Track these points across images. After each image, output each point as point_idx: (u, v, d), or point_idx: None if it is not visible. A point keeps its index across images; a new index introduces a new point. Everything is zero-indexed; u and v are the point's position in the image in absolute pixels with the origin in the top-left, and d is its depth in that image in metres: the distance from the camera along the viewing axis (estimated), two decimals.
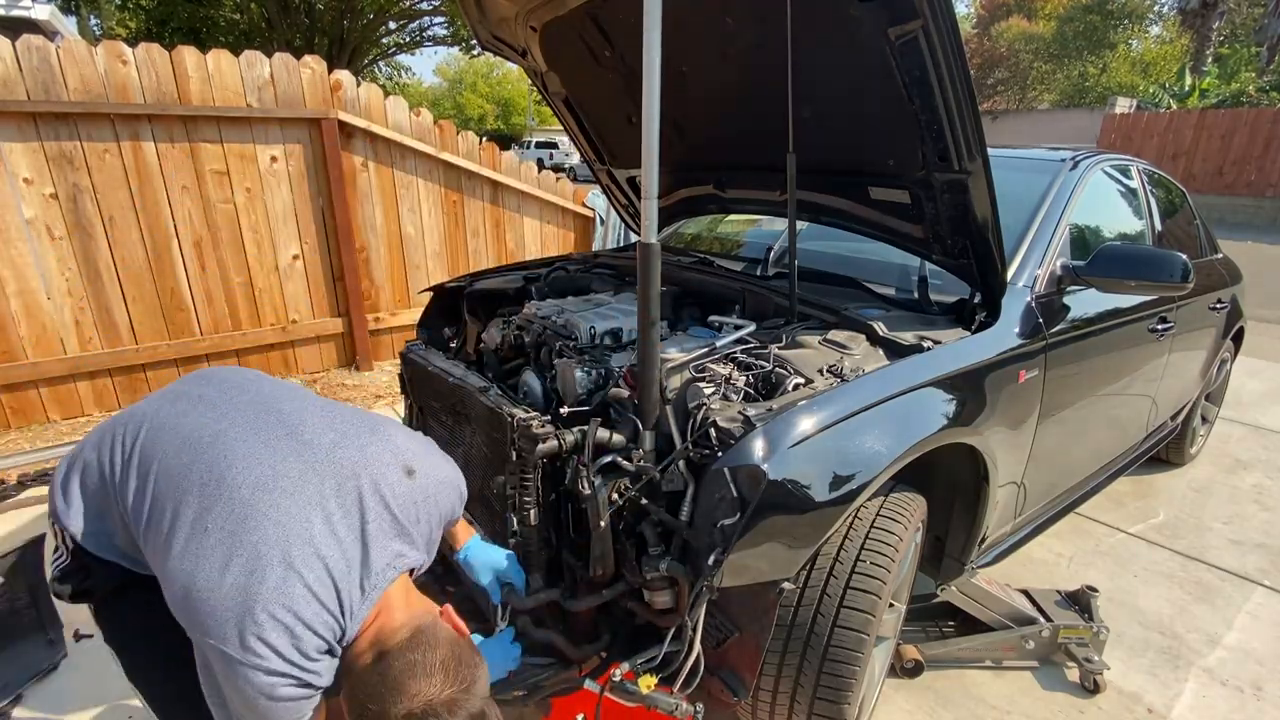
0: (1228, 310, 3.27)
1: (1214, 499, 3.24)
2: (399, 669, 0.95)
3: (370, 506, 1.04)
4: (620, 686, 1.36)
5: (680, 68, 2.06)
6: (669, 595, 1.34)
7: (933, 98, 1.51)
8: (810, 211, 2.15)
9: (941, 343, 1.65)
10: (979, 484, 1.78)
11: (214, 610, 0.93)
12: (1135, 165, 2.81)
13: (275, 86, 3.88)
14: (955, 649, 2.05)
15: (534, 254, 5.24)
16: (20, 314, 3.44)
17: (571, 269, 2.54)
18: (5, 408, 3.54)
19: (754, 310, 1.96)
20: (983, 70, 30.02)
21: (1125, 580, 2.57)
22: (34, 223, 3.39)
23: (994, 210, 1.61)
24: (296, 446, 1.06)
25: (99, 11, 16.10)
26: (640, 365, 1.33)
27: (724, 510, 1.24)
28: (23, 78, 3.21)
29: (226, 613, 0.92)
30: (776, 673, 1.46)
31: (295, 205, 4.14)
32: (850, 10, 1.50)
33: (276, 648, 0.92)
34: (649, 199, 1.24)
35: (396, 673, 0.95)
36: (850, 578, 1.42)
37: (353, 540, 1.01)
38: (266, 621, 0.92)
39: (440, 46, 24.41)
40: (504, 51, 2.53)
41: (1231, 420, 4.16)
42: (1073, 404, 2.14)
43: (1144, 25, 29.99)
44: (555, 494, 1.47)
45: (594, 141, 2.76)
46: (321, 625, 0.96)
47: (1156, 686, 2.05)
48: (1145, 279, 1.97)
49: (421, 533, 1.12)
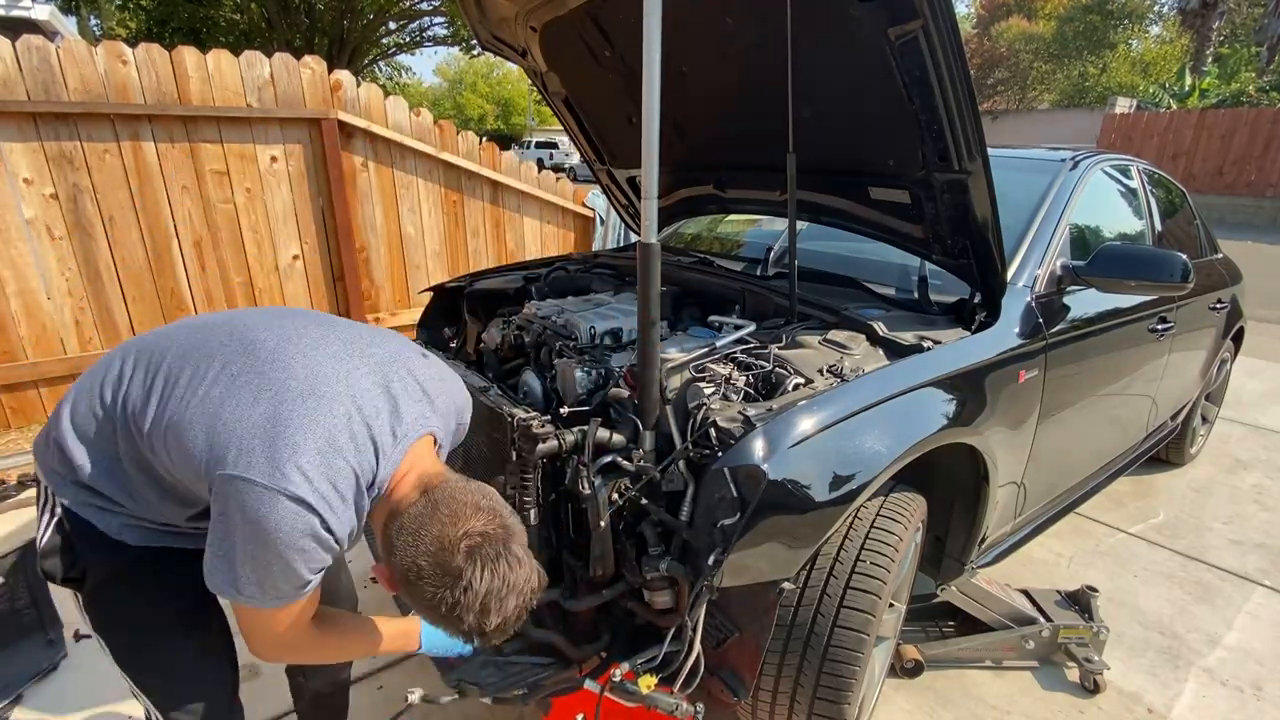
0: (1228, 310, 3.27)
1: (1214, 499, 3.24)
2: (455, 498, 0.95)
3: (394, 370, 1.05)
4: (620, 686, 1.36)
5: (680, 68, 2.06)
6: (669, 595, 1.34)
7: (933, 98, 1.51)
8: (810, 211, 2.15)
9: (941, 343, 1.65)
10: (979, 484, 1.78)
11: (242, 437, 0.91)
12: (1135, 165, 2.81)
13: (275, 86, 3.88)
14: (955, 649, 2.05)
15: (534, 254, 5.24)
16: (20, 314, 3.44)
17: (571, 269, 2.54)
18: (5, 408, 3.54)
19: (754, 310, 1.96)
20: (983, 70, 30.02)
21: (1125, 580, 2.57)
22: (34, 223, 3.40)
23: (994, 210, 1.61)
24: (316, 319, 1.10)
25: (99, 11, 16.10)
26: (640, 365, 1.33)
27: (724, 510, 1.24)
28: (23, 78, 3.21)
29: (255, 439, 0.90)
30: (776, 673, 1.46)
31: (295, 205, 4.14)
32: (850, 10, 1.50)
33: (307, 471, 0.90)
34: (649, 199, 1.24)
35: (452, 501, 0.94)
36: (850, 578, 1.43)
37: (379, 392, 1.01)
38: (301, 443, 0.90)
39: (440, 46, 24.43)
40: (504, 51, 2.53)
41: (1231, 420, 4.16)
42: (1073, 404, 2.14)
43: (1144, 25, 30.00)
44: (555, 494, 1.47)
45: (594, 141, 2.76)
46: (354, 456, 0.95)
47: (1156, 686, 2.05)
48: (1145, 279, 1.97)
49: (442, 407, 1.11)
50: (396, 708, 1.86)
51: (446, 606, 0.91)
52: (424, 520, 0.93)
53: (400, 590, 0.97)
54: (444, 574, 0.91)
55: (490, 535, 0.93)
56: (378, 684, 1.97)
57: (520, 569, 0.96)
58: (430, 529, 0.92)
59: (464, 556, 0.91)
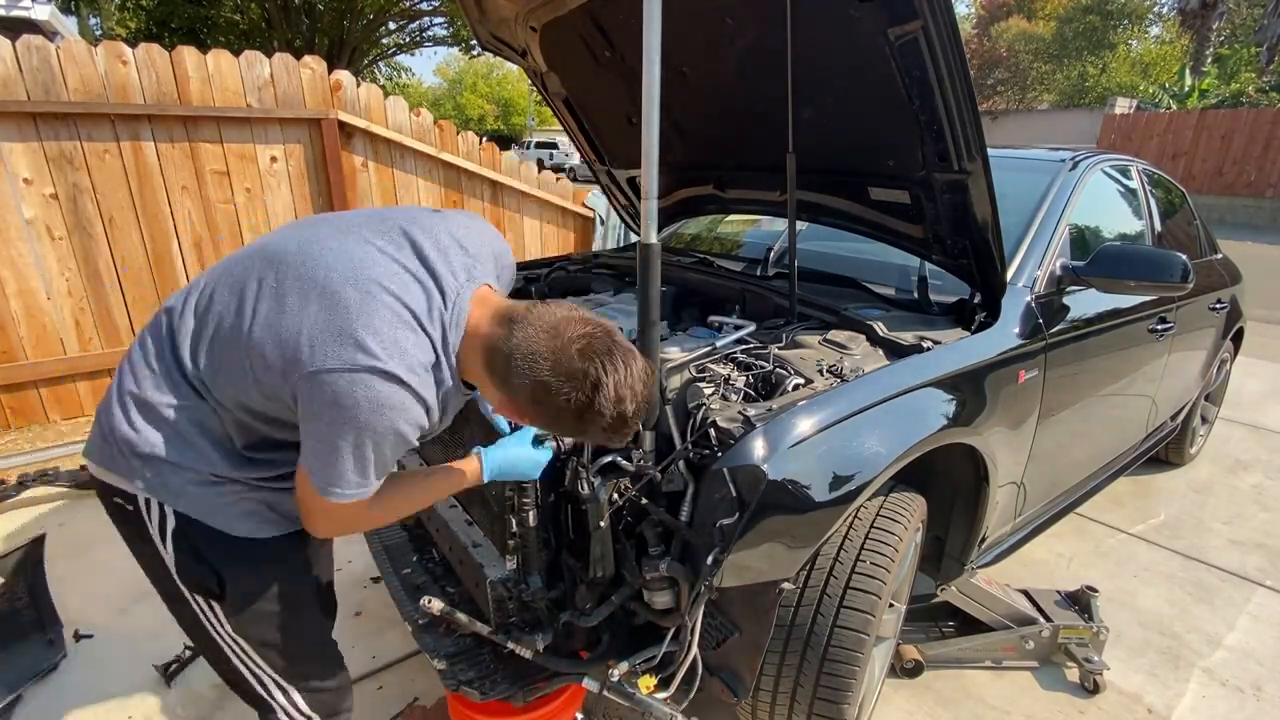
0: (1227, 310, 3.27)
1: (1214, 499, 3.24)
2: (544, 316, 0.98)
3: (422, 236, 1.06)
4: (618, 686, 1.36)
5: (680, 68, 2.06)
6: (669, 595, 1.34)
7: (933, 98, 1.51)
8: (810, 212, 2.15)
9: (941, 343, 1.65)
10: (979, 484, 1.78)
11: (309, 336, 0.93)
12: (1135, 165, 2.81)
13: (275, 87, 3.88)
14: (955, 649, 2.05)
15: (534, 254, 5.24)
16: (20, 314, 3.44)
17: (571, 269, 2.54)
18: (5, 408, 3.54)
19: (754, 310, 1.96)
20: (983, 70, 30.03)
21: (1125, 580, 2.57)
22: (34, 223, 3.39)
23: (994, 210, 1.61)
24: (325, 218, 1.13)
25: (99, 11, 16.10)
26: None
27: (724, 510, 1.24)
28: (23, 78, 3.21)
29: (320, 333, 0.93)
30: (776, 673, 1.46)
31: (295, 205, 4.14)
32: (850, 10, 1.50)
33: (375, 350, 0.92)
34: (649, 199, 1.24)
35: (546, 318, 0.97)
36: (850, 578, 1.42)
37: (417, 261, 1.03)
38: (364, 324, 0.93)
39: (440, 47, 24.44)
40: (504, 52, 2.53)
41: (1231, 420, 4.16)
42: (1072, 404, 2.14)
43: (1144, 26, 30.01)
44: (555, 495, 1.47)
45: (594, 141, 2.76)
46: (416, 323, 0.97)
47: (1156, 687, 2.05)
48: (1145, 279, 1.97)
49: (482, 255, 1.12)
50: (396, 708, 1.87)
51: (583, 408, 0.95)
52: (529, 342, 0.95)
53: (530, 416, 1.01)
54: (569, 379, 0.94)
55: (594, 334, 0.97)
56: (378, 684, 1.97)
57: (634, 356, 1.00)
58: (538, 347, 0.95)
59: (581, 358, 0.94)
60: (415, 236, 1.06)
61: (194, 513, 1.05)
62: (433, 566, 1.85)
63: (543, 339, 0.95)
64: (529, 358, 0.95)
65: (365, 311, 0.94)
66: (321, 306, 0.95)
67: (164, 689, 1.93)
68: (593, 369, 0.94)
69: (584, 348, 0.95)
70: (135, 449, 1.02)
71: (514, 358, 0.96)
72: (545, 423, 1.01)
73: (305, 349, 0.93)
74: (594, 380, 0.94)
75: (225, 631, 1.14)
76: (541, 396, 0.95)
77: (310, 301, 0.96)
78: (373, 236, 1.05)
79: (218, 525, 1.07)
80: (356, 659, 2.03)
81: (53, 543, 2.12)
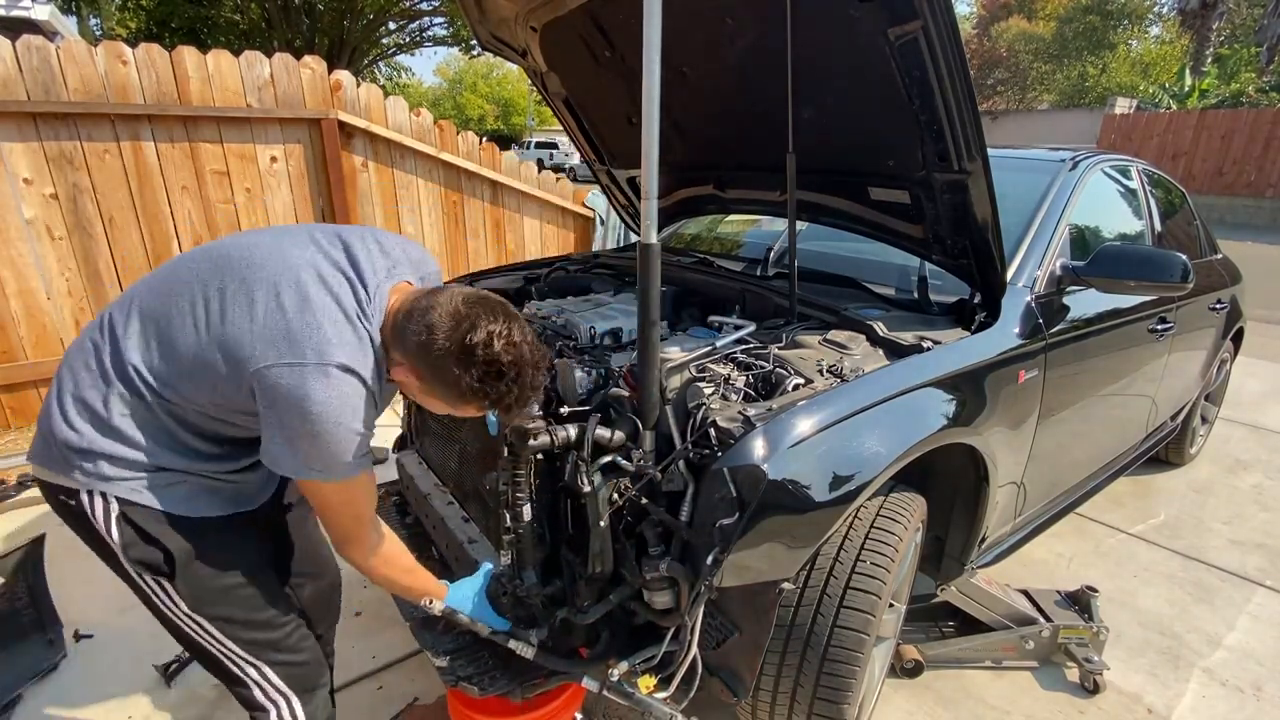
0: (1227, 310, 3.27)
1: (1214, 499, 3.24)
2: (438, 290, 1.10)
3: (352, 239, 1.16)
4: (618, 686, 1.36)
5: (680, 68, 2.06)
6: (669, 595, 1.34)
7: (933, 98, 1.51)
8: (810, 212, 2.15)
9: (941, 343, 1.65)
10: (979, 484, 1.78)
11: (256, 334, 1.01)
12: (1135, 165, 2.81)
13: (275, 87, 3.88)
14: (955, 649, 2.05)
15: (534, 254, 5.24)
16: (20, 314, 3.44)
17: (571, 269, 2.54)
18: (5, 408, 3.54)
19: (754, 310, 1.96)
20: (983, 70, 30.03)
21: (1125, 580, 2.57)
22: (34, 223, 3.40)
23: (994, 210, 1.61)
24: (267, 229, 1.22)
25: (99, 11, 16.09)
26: (640, 365, 1.33)
27: (724, 510, 1.24)
28: (23, 78, 3.21)
29: (268, 331, 1.01)
30: (776, 673, 1.46)
31: (295, 205, 4.14)
32: (850, 10, 1.50)
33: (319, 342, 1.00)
34: (649, 199, 1.24)
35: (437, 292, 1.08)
36: (850, 578, 1.42)
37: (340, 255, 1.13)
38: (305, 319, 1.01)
39: (440, 47, 24.43)
40: (504, 52, 2.53)
41: (1231, 420, 4.16)
42: (1072, 404, 2.14)
43: (1144, 26, 30.01)
44: (554, 490, 1.47)
45: (594, 141, 2.76)
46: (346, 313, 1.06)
47: (1156, 687, 2.05)
48: (1145, 279, 1.97)
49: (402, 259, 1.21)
50: (396, 708, 1.87)
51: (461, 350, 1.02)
52: (420, 307, 1.06)
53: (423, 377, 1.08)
54: (450, 319, 1.03)
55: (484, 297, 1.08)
56: (378, 684, 1.97)
57: (517, 319, 1.09)
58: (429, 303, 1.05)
59: (465, 304, 1.04)
60: (348, 241, 1.16)
61: (135, 498, 1.09)
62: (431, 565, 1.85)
63: (438, 298, 1.06)
64: (422, 312, 1.05)
65: (303, 308, 1.03)
66: (266, 309, 1.03)
67: (164, 689, 1.93)
68: (471, 313, 1.03)
69: (468, 298, 1.06)
70: (72, 445, 1.06)
71: (411, 315, 1.06)
72: (436, 385, 1.07)
73: (258, 348, 1.01)
74: (471, 321, 1.02)
75: (182, 610, 1.16)
76: (428, 346, 1.03)
77: (256, 303, 1.03)
78: (308, 242, 1.13)
79: (162, 507, 1.10)
80: (356, 659, 2.03)
81: (53, 543, 2.12)
